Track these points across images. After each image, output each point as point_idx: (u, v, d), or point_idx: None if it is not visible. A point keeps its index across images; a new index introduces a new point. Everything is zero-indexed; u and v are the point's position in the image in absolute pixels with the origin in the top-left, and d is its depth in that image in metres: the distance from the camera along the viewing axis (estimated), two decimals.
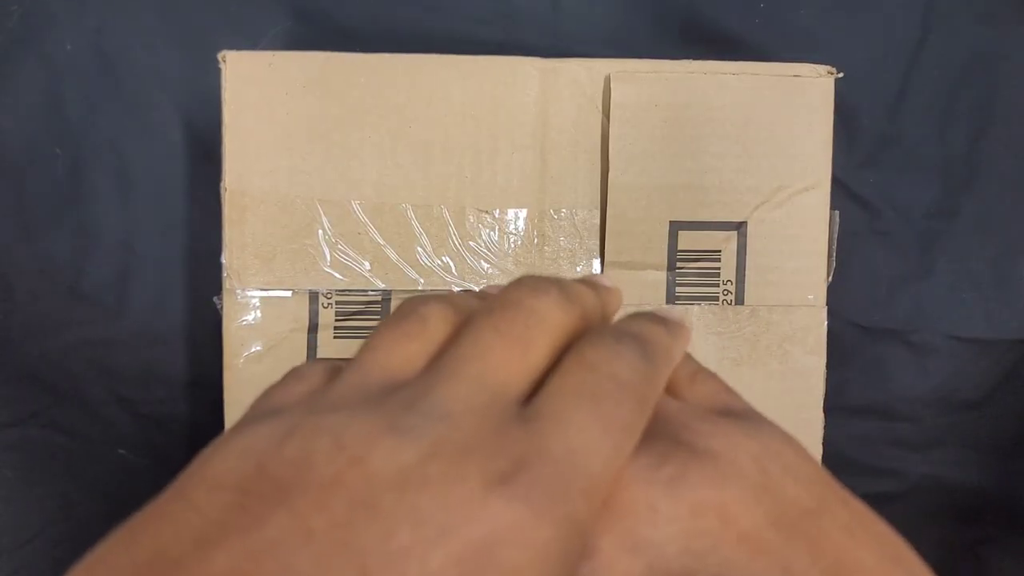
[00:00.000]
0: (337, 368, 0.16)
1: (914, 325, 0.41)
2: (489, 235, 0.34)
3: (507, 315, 0.15)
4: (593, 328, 0.16)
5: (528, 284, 0.16)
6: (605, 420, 0.13)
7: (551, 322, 0.15)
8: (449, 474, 0.12)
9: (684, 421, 0.15)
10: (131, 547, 0.12)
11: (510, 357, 0.14)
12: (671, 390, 0.18)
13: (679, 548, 0.13)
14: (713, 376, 0.18)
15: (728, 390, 0.18)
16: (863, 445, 0.42)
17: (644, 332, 0.16)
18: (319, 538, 0.11)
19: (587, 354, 0.14)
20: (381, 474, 0.12)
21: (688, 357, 0.19)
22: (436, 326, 0.15)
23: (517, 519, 0.11)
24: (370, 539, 0.11)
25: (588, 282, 0.18)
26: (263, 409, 0.15)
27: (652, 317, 0.17)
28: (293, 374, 0.16)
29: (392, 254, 0.34)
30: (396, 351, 0.15)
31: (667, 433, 0.15)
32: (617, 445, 0.13)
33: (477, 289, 0.34)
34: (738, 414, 0.16)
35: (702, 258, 0.34)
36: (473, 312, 0.16)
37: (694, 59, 0.34)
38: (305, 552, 0.11)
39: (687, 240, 0.34)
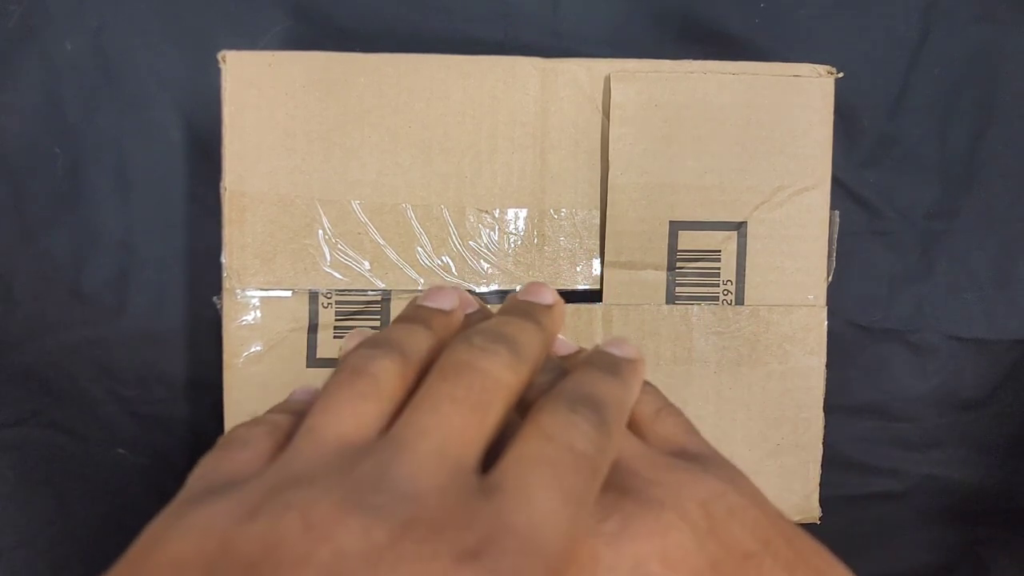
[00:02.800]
0: (278, 428, 0.16)
1: (914, 325, 0.41)
2: (489, 235, 0.34)
3: (462, 381, 0.15)
4: (545, 390, 0.16)
5: (478, 344, 0.16)
6: (564, 492, 0.13)
7: (504, 385, 0.15)
8: (421, 553, 0.12)
9: (635, 468, 0.16)
10: None
11: (468, 425, 0.14)
12: (633, 426, 0.18)
13: None
14: (676, 414, 0.19)
15: (688, 430, 0.18)
16: (863, 445, 0.42)
17: (598, 393, 0.16)
18: None
19: (544, 424, 0.15)
20: (352, 553, 0.11)
21: (654, 392, 0.19)
22: (388, 383, 0.15)
23: None
24: None
25: (531, 313, 0.18)
26: (211, 482, 0.14)
27: (606, 368, 0.17)
28: (233, 441, 0.16)
29: (392, 254, 0.34)
30: (349, 413, 0.15)
31: (616, 483, 0.15)
32: (574, 516, 0.13)
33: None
34: (692, 456, 0.17)
35: (702, 258, 0.34)
36: (426, 371, 0.16)
37: (694, 59, 0.34)
38: None
39: (687, 240, 0.34)
